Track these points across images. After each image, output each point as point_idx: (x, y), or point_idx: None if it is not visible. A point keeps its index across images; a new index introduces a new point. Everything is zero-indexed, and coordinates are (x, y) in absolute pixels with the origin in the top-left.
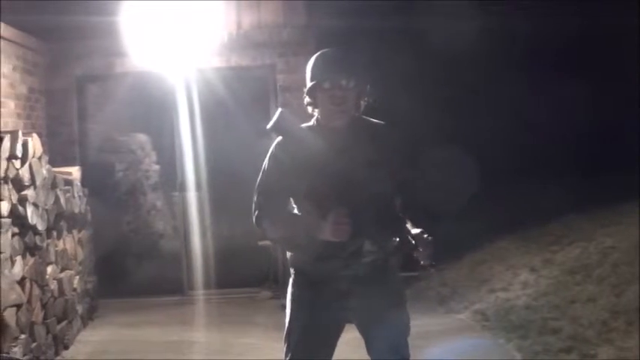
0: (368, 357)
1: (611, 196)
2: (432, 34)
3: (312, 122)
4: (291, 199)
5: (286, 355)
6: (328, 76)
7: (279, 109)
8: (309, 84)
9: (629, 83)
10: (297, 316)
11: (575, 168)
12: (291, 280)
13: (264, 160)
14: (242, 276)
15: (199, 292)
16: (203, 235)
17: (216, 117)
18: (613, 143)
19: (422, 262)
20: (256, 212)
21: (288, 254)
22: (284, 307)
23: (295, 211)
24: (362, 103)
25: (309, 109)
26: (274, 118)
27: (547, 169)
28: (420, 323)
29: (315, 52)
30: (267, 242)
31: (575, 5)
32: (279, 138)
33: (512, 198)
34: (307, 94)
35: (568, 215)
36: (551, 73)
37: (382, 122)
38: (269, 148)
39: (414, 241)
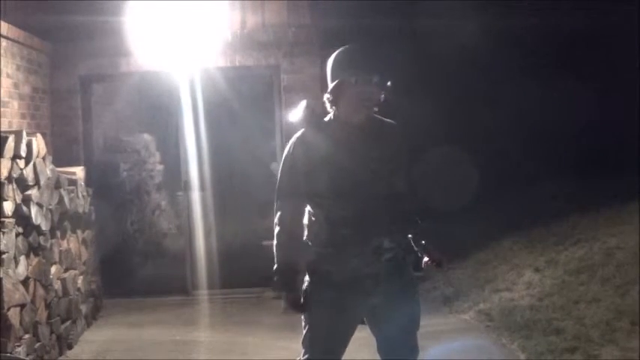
0: (373, 356)
1: (616, 196)
2: (435, 34)
3: (328, 118)
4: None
5: (305, 354)
6: (358, 71)
7: (304, 101)
8: (332, 80)
9: (632, 82)
10: (319, 317)
11: (579, 168)
12: (306, 281)
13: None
14: (246, 276)
15: (204, 292)
16: (207, 234)
17: (221, 117)
18: (617, 143)
19: (433, 263)
20: (277, 214)
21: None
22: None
23: (310, 208)
24: (381, 99)
25: (329, 105)
26: (300, 110)
27: (551, 169)
28: (424, 323)
29: (320, 53)
30: (272, 242)
31: (576, 5)
32: (302, 130)
33: (517, 198)
34: (330, 91)
35: (572, 215)
36: (554, 73)
37: (394, 122)
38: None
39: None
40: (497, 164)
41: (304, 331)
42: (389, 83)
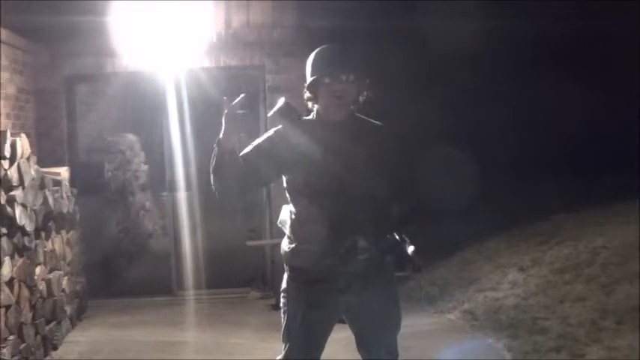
0: (358, 355)
1: (601, 195)
2: (423, 34)
3: (311, 116)
4: (287, 194)
5: (283, 352)
6: (329, 69)
7: (282, 98)
8: (309, 79)
9: (623, 84)
10: (294, 313)
11: (565, 167)
12: (285, 278)
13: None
14: (231, 276)
15: (189, 292)
16: (192, 235)
17: (206, 117)
18: (603, 143)
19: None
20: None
21: (282, 251)
22: (273, 307)
23: (291, 206)
24: (361, 98)
25: (309, 104)
26: (276, 107)
27: (537, 168)
28: (409, 323)
29: (305, 53)
30: (257, 242)
31: (576, 5)
32: (279, 127)
33: (502, 197)
34: (307, 89)
35: (558, 214)
36: (549, 73)
37: (380, 123)
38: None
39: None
40: (483, 163)
41: (283, 326)
42: (367, 82)
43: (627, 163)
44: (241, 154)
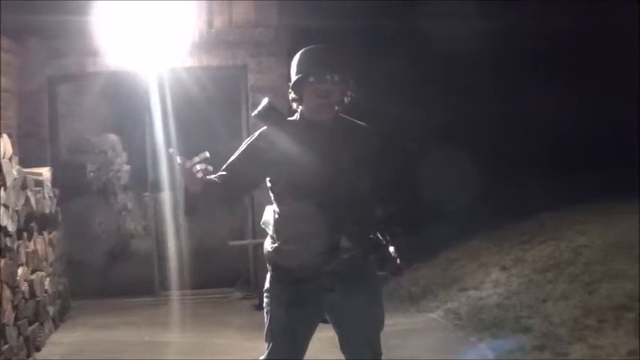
0: (341, 355)
1: (584, 194)
2: (409, 33)
3: (295, 117)
4: (271, 194)
5: (267, 351)
6: (314, 69)
7: (266, 99)
8: (294, 78)
9: (617, 83)
10: (277, 313)
11: (548, 167)
12: (268, 277)
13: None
14: (214, 276)
15: (171, 293)
16: (175, 235)
17: (188, 117)
18: (587, 142)
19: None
20: None
21: (265, 251)
22: (257, 307)
23: (275, 206)
24: (345, 99)
25: (294, 105)
26: (260, 107)
27: (520, 168)
28: (392, 322)
29: (287, 53)
30: (239, 242)
31: (575, 5)
32: (264, 127)
33: (484, 196)
34: (292, 89)
35: (540, 214)
36: (542, 72)
37: (365, 124)
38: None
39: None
40: (467, 163)
41: (266, 326)
42: (352, 82)
43: (615, 163)
44: (227, 164)
